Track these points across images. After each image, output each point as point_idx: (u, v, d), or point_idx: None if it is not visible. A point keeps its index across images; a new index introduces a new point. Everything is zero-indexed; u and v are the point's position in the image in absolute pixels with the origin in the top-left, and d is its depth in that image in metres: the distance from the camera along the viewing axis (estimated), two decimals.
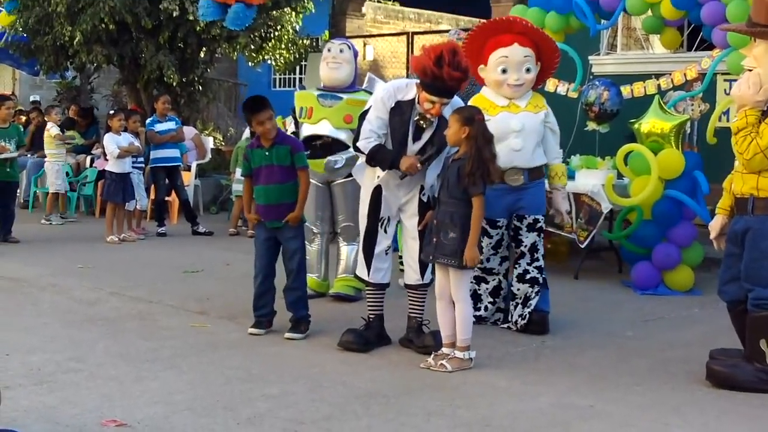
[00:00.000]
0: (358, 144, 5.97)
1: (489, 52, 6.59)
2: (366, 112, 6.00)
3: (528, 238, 6.56)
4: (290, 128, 7.83)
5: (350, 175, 7.46)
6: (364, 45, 18.91)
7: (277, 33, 15.15)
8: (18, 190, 12.75)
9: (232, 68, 20.34)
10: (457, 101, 5.95)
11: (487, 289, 6.73)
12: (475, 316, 6.47)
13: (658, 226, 8.22)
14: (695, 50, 10.85)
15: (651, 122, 8.38)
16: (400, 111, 5.86)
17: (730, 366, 5.29)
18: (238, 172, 11.94)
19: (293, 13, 15.21)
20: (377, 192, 6.03)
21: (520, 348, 6.16)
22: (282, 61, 15.63)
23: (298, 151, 6.43)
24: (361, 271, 6.17)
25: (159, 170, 12.02)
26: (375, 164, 5.94)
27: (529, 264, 6.57)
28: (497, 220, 6.53)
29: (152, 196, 12.32)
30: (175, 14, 13.49)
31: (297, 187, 6.39)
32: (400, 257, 6.88)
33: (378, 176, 5.98)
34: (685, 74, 8.95)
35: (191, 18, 13.30)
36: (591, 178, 8.59)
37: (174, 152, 12.12)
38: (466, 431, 4.48)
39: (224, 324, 6.73)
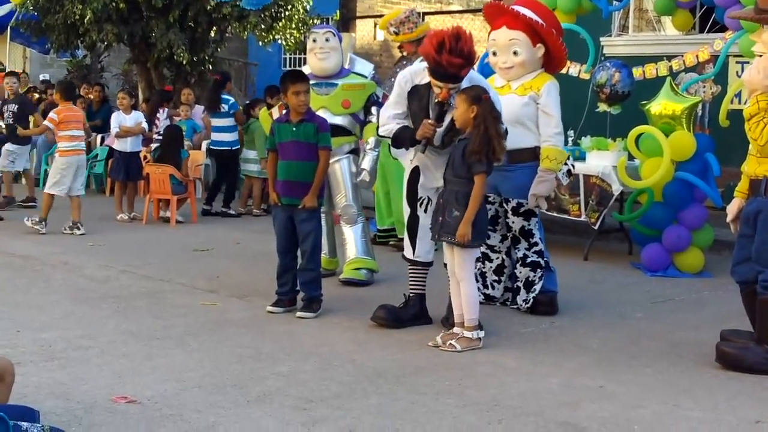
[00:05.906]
0: (380, 131, 6.03)
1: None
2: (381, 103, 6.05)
3: (515, 223, 6.53)
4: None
5: (351, 152, 7.51)
6: (375, 25, 18.86)
7: (287, 12, 15.13)
8: None
9: (243, 48, 20.31)
10: (475, 76, 5.91)
11: (491, 267, 6.74)
12: (484, 295, 6.50)
13: (668, 208, 8.19)
14: (707, 32, 10.79)
15: (663, 104, 8.34)
16: (418, 95, 5.87)
17: (740, 348, 5.28)
18: (245, 152, 11.94)
19: None
20: (415, 174, 6.05)
21: (529, 328, 6.16)
22: (292, 41, 15.58)
23: (323, 131, 6.45)
24: (407, 251, 6.21)
25: (210, 152, 12.27)
26: (400, 145, 5.97)
27: (527, 249, 6.55)
28: (488, 196, 6.53)
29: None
30: None
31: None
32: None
33: (410, 159, 6.02)
34: (697, 56, 8.89)
35: None
36: (601, 160, 8.57)
37: (226, 136, 11.85)
38: (475, 411, 4.49)
39: (234, 302, 6.74)
